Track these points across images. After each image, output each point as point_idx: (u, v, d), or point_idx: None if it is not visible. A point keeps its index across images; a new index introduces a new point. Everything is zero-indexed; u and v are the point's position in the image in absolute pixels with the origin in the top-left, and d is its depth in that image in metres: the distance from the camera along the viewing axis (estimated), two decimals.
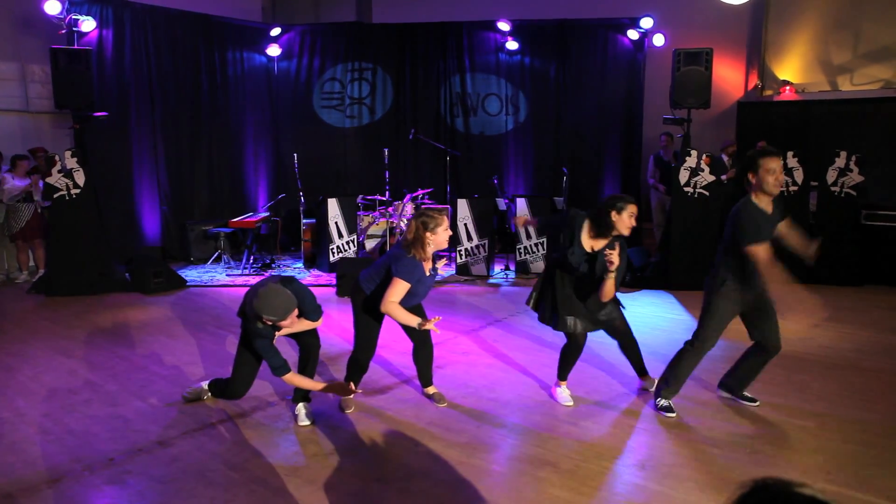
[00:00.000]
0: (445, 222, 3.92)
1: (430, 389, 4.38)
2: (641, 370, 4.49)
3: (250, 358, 3.91)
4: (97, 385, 4.56)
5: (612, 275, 3.76)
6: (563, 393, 4.35)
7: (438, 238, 3.89)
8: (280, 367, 3.63)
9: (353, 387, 3.82)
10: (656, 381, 4.32)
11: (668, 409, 4.10)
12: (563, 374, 4.36)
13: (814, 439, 3.71)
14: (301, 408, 4.01)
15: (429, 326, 3.85)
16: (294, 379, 3.71)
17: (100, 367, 4.94)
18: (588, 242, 3.96)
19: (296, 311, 3.61)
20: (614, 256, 3.70)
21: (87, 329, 6.05)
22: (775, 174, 3.68)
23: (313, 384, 3.77)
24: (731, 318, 3.99)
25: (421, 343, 4.30)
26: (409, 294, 3.89)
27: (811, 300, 3.79)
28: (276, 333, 3.71)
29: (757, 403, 4.20)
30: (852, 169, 7.81)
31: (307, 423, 3.94)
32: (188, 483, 3.21)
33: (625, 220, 3.84)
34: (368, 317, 4.08)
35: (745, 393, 4.26)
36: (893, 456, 3.51)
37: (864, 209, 7.95)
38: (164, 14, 9.35)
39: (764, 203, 3.76)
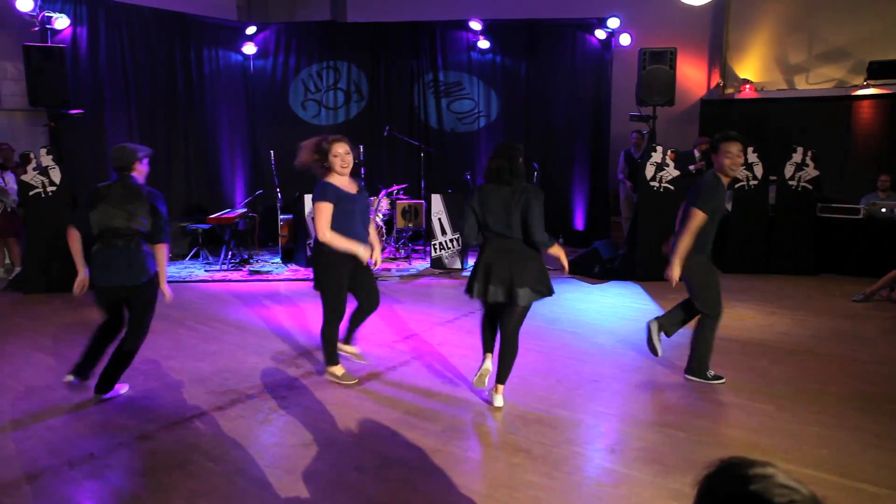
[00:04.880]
0: (342, 143, 4.24)
1: (350, 348, 4.64)
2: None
3: None
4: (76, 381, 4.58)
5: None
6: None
7: (336, 150, 4.20)
8: None
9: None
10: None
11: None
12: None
13: (772, 421, 3.88)
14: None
15: (367, 256, 4.15)
16: None
17: None
18: None
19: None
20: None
21: (65, 325, 6.04)
22: (733, 157, 4.26)
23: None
24: (718, 281, 4.42)
25: (366, 305, 4.50)
26: (343, 217, 4.13)
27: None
28: None
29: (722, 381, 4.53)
30: (808, 164, 8.11)
31: None
32: (168, 476, 3.24)
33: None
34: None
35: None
36: (846, 435, 3.69)
37: (820, 202, 8.28)
38: (139, 12, 9.31)
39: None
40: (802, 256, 8.19)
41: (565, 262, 4.13)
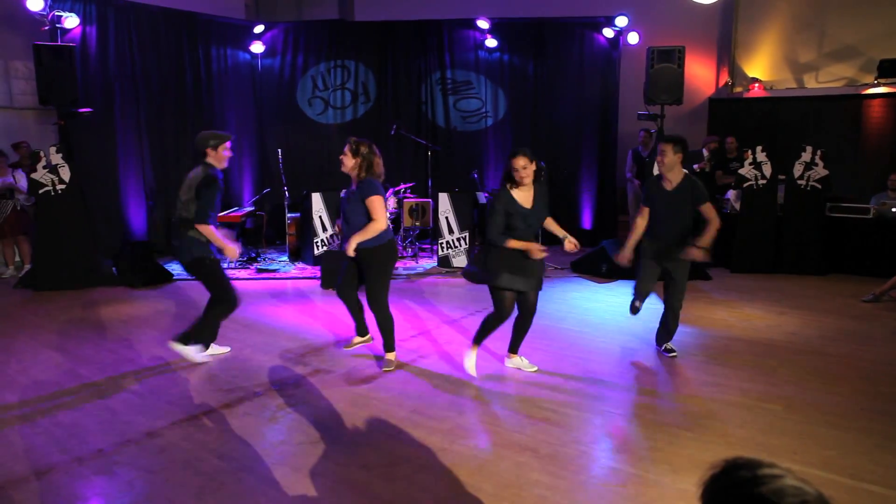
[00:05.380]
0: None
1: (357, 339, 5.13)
2: (515, 347, 4.82)
3: None
4: (85, 378, 4.63)
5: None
6: (471, 360, 4.65)
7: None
8: None
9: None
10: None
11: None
12: (479, 339, 4.63)
13: (780, 421, 3.87)
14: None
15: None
16: None
17: (88, 360, 5.01)
18: (521, 198, 4.39)
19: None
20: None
21: (74, 323, 6.10)
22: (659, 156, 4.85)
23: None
24: (646, 268, 4.93)
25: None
26: None
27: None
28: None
29: (675, 354, 5.05)
30: (817, 163, 8.06)
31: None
32: (176, 472, 3.27)
33: (519, 172, 4.36)
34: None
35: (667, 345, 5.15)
36: (855, 436, 3.68)
37: (829, 202, 8.24)
38: (148, 11, 9.36)
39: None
40: (811, 256, 8.15)
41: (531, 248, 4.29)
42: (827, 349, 5.23)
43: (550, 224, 4.56)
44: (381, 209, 4.55)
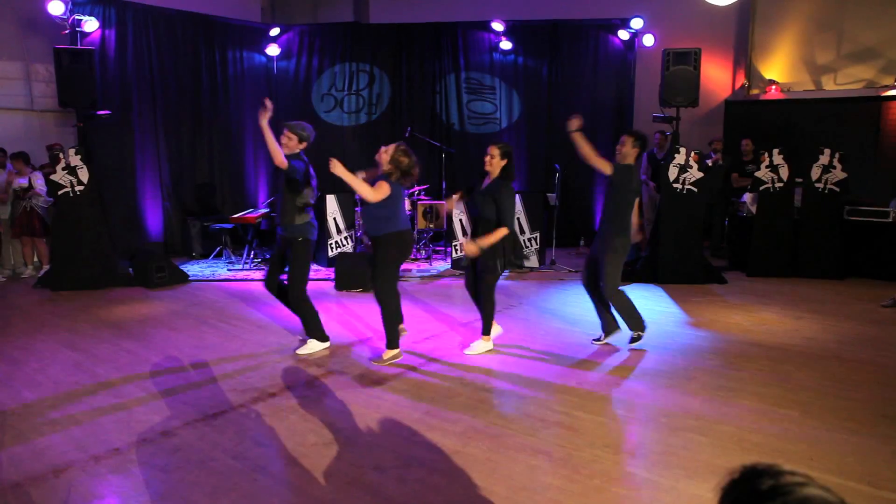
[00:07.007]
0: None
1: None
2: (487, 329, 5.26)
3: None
4: (102, 377, 4.67)
5: None
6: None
7: None
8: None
9: None
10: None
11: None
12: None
13: (797, 427, 3.82)
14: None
15: None
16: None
17: (104, 360, 5.06)
18: None
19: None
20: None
21: (91, 322, 6.16)
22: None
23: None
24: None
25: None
26: None
27: None
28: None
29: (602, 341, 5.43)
30: (835, 166, 7.97)
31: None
32: (191, 472, 3.28)
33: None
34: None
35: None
36: (874, 443, 3.62)
37: (847, 205, 8.13)
38: (165, 14, 9.48)
39: None
40: (829, 260, 8.06)
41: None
42: (845, 354, 5.16)
43: None
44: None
